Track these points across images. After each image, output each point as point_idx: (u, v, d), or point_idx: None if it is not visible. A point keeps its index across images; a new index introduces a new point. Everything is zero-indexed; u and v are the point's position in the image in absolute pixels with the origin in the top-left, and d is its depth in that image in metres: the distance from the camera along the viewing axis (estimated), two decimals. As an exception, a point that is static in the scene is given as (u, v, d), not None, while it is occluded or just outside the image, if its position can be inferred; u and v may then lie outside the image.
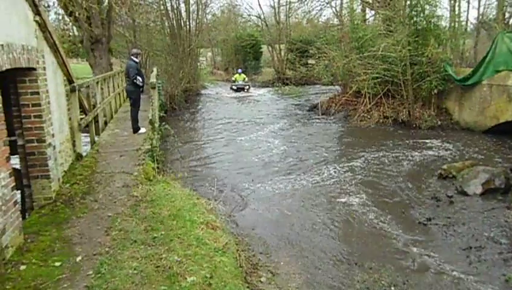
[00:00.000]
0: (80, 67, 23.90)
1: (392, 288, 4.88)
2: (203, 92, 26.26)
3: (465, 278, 5.11)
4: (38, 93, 5.31)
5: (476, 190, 7.64)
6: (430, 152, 11.00)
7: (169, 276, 3.76)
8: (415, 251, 5.81)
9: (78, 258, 4.03)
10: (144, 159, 7.47)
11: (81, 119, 7.92)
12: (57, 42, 6.21)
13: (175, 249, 4.23)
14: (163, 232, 4.61)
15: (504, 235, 6.18)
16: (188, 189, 6.56)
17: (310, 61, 28.17)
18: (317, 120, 16.50)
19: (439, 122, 14.04)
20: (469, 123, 13.46)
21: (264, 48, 33.44)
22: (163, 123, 10.85)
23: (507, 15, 18.35)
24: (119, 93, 14.87)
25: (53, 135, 5.82)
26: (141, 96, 10.02)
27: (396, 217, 6.93)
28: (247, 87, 27.10)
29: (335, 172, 9.50)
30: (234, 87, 27.11)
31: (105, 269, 3.82)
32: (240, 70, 28.81)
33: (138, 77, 9.49)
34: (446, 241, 6.08)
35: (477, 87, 12.95)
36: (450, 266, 5.39)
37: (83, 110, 8.55)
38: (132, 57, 9.77)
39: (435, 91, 14.14)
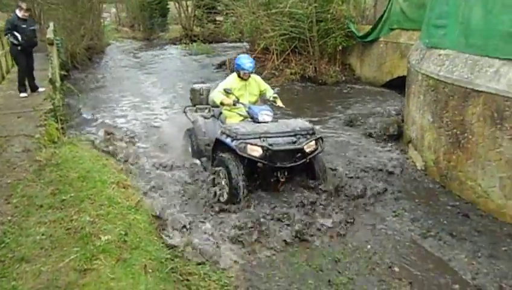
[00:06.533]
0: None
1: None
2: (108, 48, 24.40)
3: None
4: None
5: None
6: (337, 106, 11.68)
7: (82, 237, 3.69)
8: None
9: (-23, 230, 3.77)
10: (46, 120, 6.98)
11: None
12: None
13: (86, 210, 4.13)
14: (72, 194, 4.45)
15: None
16: (97, 150, 6.32)
17: (218, 18, 27.62)
18: (224, 77, 16.33)
19: (343, 78, 14.80)
20: (369, 78, 14.44)
21: (171, 4, 31.91)
22: (65, 82, 10.15)
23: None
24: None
25: None
26: (32, 54, 9.14)
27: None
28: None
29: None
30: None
31: (9, 239, 3.64)
32: (247, 65, 6.32)
33: (15, 33, 8.58)
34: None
35: (375, 44, 13.84)
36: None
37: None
38: (16, 10, 8.79)
39: (340, 48, 14.81)
